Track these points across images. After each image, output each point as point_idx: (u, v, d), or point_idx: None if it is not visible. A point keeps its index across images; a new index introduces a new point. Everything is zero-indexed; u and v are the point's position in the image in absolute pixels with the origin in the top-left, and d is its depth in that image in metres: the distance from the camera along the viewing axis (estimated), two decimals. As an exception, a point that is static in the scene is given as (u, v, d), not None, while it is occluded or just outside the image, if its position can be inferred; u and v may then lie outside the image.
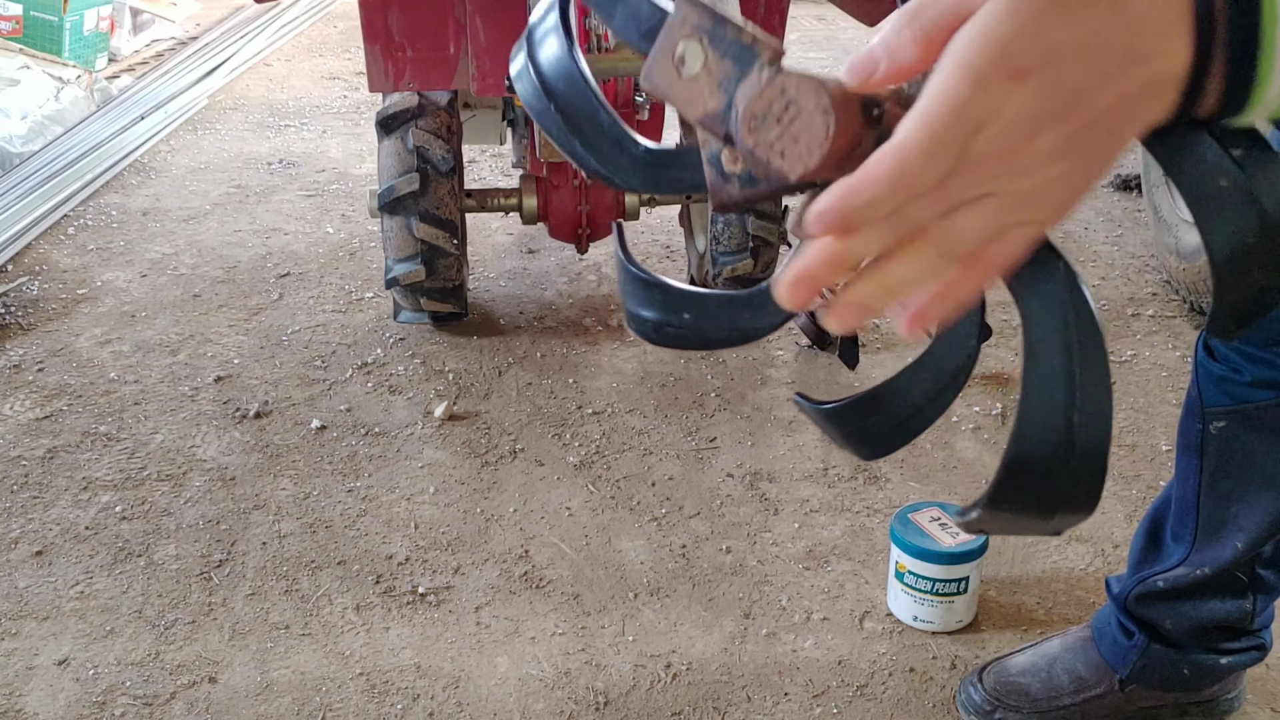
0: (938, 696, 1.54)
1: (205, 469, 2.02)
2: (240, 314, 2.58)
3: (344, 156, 3.65)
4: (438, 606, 1.70)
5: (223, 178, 3.45)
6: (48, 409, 2.19)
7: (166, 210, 3.19)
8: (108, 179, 3.36)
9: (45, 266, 2.81)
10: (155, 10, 5.12)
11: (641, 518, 1.89)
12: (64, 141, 3.48)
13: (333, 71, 4.72)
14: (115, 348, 2.43)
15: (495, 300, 2.65)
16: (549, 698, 1.54)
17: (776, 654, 1.61)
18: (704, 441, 2.11)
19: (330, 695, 1.54)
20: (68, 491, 1.95)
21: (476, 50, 2.18)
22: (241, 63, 4.64)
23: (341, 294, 2.68)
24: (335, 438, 2.11)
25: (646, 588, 1.74)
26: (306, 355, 2.40)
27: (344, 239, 3.00)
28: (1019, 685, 1.48)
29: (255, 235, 3.02)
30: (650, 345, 2.49)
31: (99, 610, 1.68)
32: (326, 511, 1.90)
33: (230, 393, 2.25)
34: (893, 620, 1.67)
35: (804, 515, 1.90)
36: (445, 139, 2.26)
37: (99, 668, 1.58)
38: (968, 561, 1.60)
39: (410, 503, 1.93)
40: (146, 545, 1.82)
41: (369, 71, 2.25)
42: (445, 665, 1.59)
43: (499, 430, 2.13)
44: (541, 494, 1.95)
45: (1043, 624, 1.67)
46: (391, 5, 2.18)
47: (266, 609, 1.69)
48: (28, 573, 1.75)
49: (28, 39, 4.14)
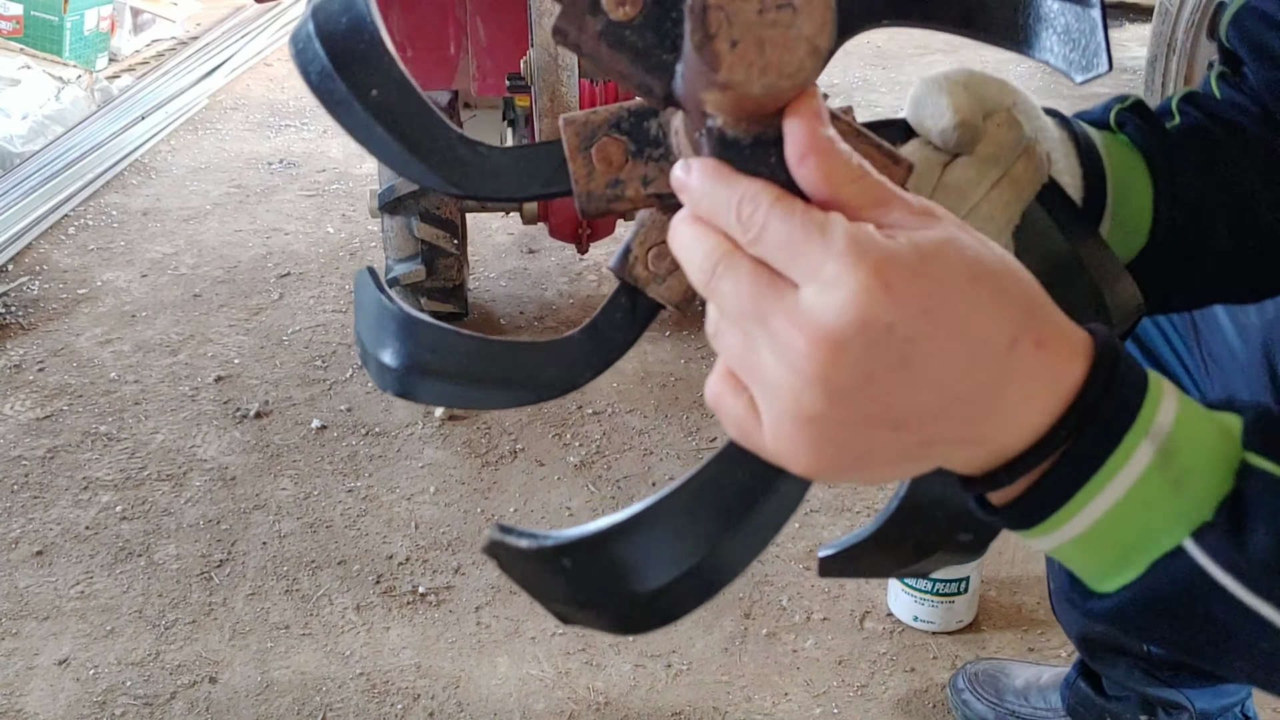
0: (938, 696, 1.54)
1: (205, 469, 2.02)
2: (240, 314, 2.58)
3: (344, 156, 3.65)
4: (438, 606, 1.70)
5: (223, 178, 3.45)
6: (48, 409, 2.19)
7: (167, 210, 3.19)
8: (108, 179, 3.36)
9: (45, 266, 2.81)
10: (156, 10, 5.12)
11: (642, 518, 1.89)
12: (64, 141, 3.48)
13: (333, 71, 4.72)
14: (115, 348, 2.43)
15: (495, 300, 2.65)
16: (549, 698, 1.54)
17: (776, 654, 1.61)
18: (704, 441, 2.11)
19: (330, 695, 1.54)
20: (68, 491, 1.95)
21: (476, 50, 2.18)
22: (242, 63, 4.64)
23: (342, 294, 2.68)
24: (335, 438, 2.11)
25: (647, 588, 1.74)
26: (307, 355, 2.40)
27: (344, 239, 3.00)
28: (999, 681, 1.49)
29: (255, 235, 3.02)
30: (649, 346, 2.49)
31: (99, 610, 1.68)
32: (327, 511, 1.90)
33: (230, 393, 2.25)
34: (893, 620, 1.67)
35: (804, 515, 1.90)
36: (445, 139, 2.26)
37: (99, 668, 1.58)
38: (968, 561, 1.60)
39: (410, 503, 1.93)
40: (147, 545, 1.82)
41: (369, 71, 2.25)
42: (445, 665, 1.59)
43: (499, 430, 2.13)
44: (542, 494, 1.95)
45: (1043, 624, 1.67)
46: (391, 5, 2.18)
47: (266, 609, 1.69)
48: (28, 573, 1.76)
49: (28, 39, 4.14)
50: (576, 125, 0.49)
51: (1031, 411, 0.42)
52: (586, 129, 0.49)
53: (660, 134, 0.49)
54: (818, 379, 0.39)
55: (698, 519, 0.46)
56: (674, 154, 0.49)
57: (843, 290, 0.38)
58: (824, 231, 0.39)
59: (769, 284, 0.40)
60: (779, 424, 0.41)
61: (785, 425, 0.41)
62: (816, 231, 0.39)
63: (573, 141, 0.49)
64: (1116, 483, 0.42)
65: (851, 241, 0.38)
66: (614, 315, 0.53)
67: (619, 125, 0.49)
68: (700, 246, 0.42)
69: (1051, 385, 0.42)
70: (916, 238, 0.39)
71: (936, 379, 0.39)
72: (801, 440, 0.41)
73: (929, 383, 0.39)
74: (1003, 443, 0.42)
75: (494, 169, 0.51)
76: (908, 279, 0.38)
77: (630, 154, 0.49)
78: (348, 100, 0.49)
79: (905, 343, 0.38)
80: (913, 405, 0.40)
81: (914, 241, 0.39)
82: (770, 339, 0.40)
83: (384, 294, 0.52)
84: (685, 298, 0.51)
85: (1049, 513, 0.44)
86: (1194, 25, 3.21)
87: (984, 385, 0.40)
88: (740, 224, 0.40)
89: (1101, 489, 0.43)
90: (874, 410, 0.40)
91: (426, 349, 0.51)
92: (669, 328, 2.52)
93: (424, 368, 0.51)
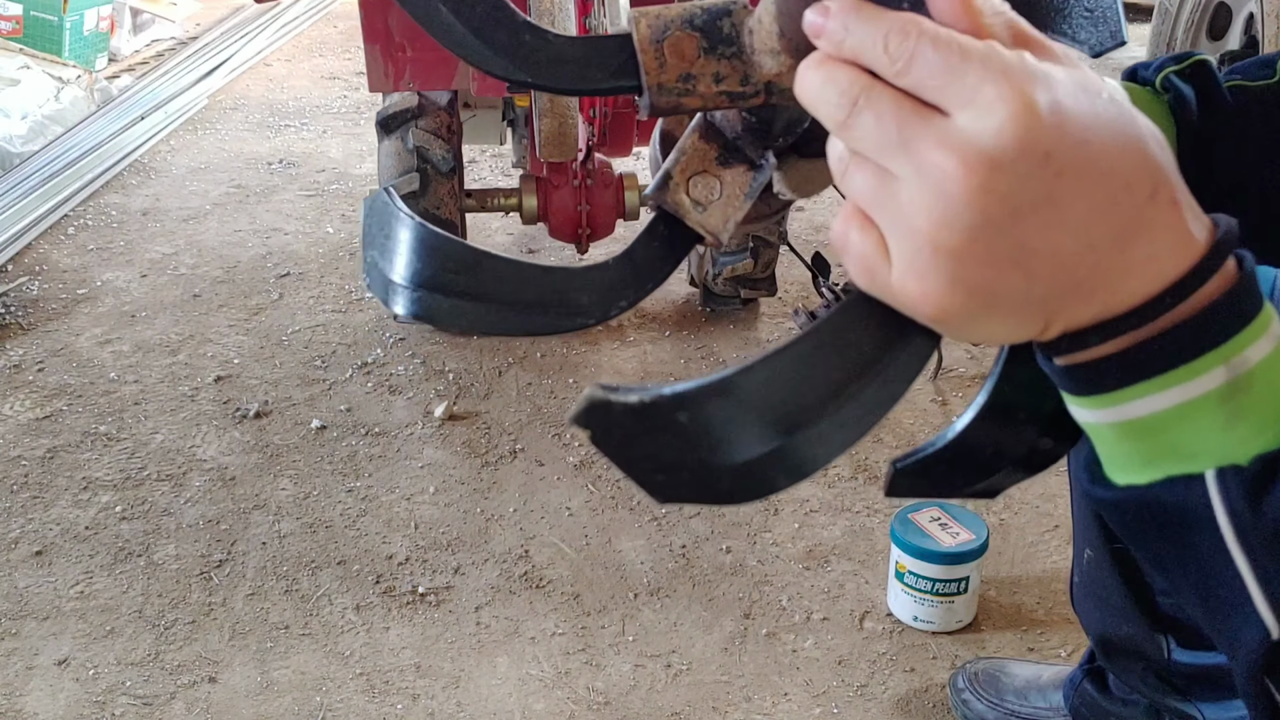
0: (938, 696, 1.54)
1: (205, 469, 2.02)
2: (240, 314, 2.58)
3: (344, 156, 3.65)
4: (438, 606, 1.70)
5: (223, 178, 3.45)
6: (48, 409, 2.19)
7: (166, 210, 3.19)
8: (108, 179, 3.36)
9: (45, 266, 2.81)
10: (155, 10, 5.12)
11: (641, 518, 1.89)
12: (64, 141, 3.48)
13: (333, 71, 4.72)
14: (115, 348, 2.43)
15: (495, 300, 2.64)
16: (549, 698, 1.54)
17: (776, 654, 1.61)
18: (704, 441, 2.10)
19: (330, 695, 1.54)
20: (68, 491, 1.95)
21: (476, 50, 2.18)
22: (241, 63, 4.64)
23: (341, 294, 2.68)
24: (335, 438, 2.11)
25: (646, 588, 1.74)
26: (306, 355, 2.40)
27: (344, 239, 3.00)
28: (999, 680, 1.49)
29: (255, 235, 3.02)
30: (649, 346, 2.49)
31: (99, 610, 1.68)
32: (326, 511, 1.90)
33: (230, 393, 2.25)
34: (893, 620, 1.67)
35: (804, 515, 1.90)
36: (445, 139, 2.26)
37: (99, 668, 1.58)
38: (968, 561, 1.60)
39: (410, 503, 1.93)
40: (146, 545, 1.82)
41: (369, 71, 2.25)
42: (445, 665, 1.59)
43: (499, 430, 2.13)
44: (541, 494, 1.95)
45: (1043, 624, 1.67)
46: (391, 5, 2.18)
47: (266, 609, 1.69)
48: (28, 573, 1.76)
49: (28, 39, 4.14)
50: (650, 18, 0.48)
51: (1152, 270, 0.41)
52: (659, 22, 0.48)
53: (734, 32, 0.48)
54: (967, 205, 0.38)
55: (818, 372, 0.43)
56: (747, 53, 0.48)
57: (1003, 112, 0.37)
58: (982, 56, 0.38)
59: (915, 111, 0.39)
60: (914, 258, 0.40)
61: (920, 260, 0.40)
62: (975, 55, 0.38)
63: (644, 34, 0.48)
64: (1175, 392, 0.42)
65: (1013, 63, 0.38)
66: (651, 244, 0.51)
67: (692, 22, 0.48)
68: (836, 84, 0.41)
69: (1178, 246, 0.41)
70: (1071, 71, 0.39)
71: (1077, 221, 0.39)
72: (934, 276, 0.40)
73: (1070, 225, 0.39)
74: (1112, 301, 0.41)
75: (560, 56, 0.49)
76: (1069, 107, 0.38)
77: (703, 50, 0.48)
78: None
79: (1056, 176, 0.38)
80: (1049, 248, 0.39)
81: (1072, 71, 0.39)
82: (915, 167, 0.39)
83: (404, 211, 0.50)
84: (725, 229, 0.50)
85: (1109, 389, 0.43)
86: (1194, 25, 3.21)
87: (1119, 231, 0.40)
88: (888, 56, 0.39)
89: (1162, 390, 0.42)
90: (1012, 250, 0.39)
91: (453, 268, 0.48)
92: (669, 328, 2.52)
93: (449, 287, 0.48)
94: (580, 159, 2.33)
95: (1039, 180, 0.38)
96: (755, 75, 0.48)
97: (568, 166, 2.36)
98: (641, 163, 3.10)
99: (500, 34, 0.48)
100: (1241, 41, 3.05)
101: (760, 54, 0.48)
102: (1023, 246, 0.39)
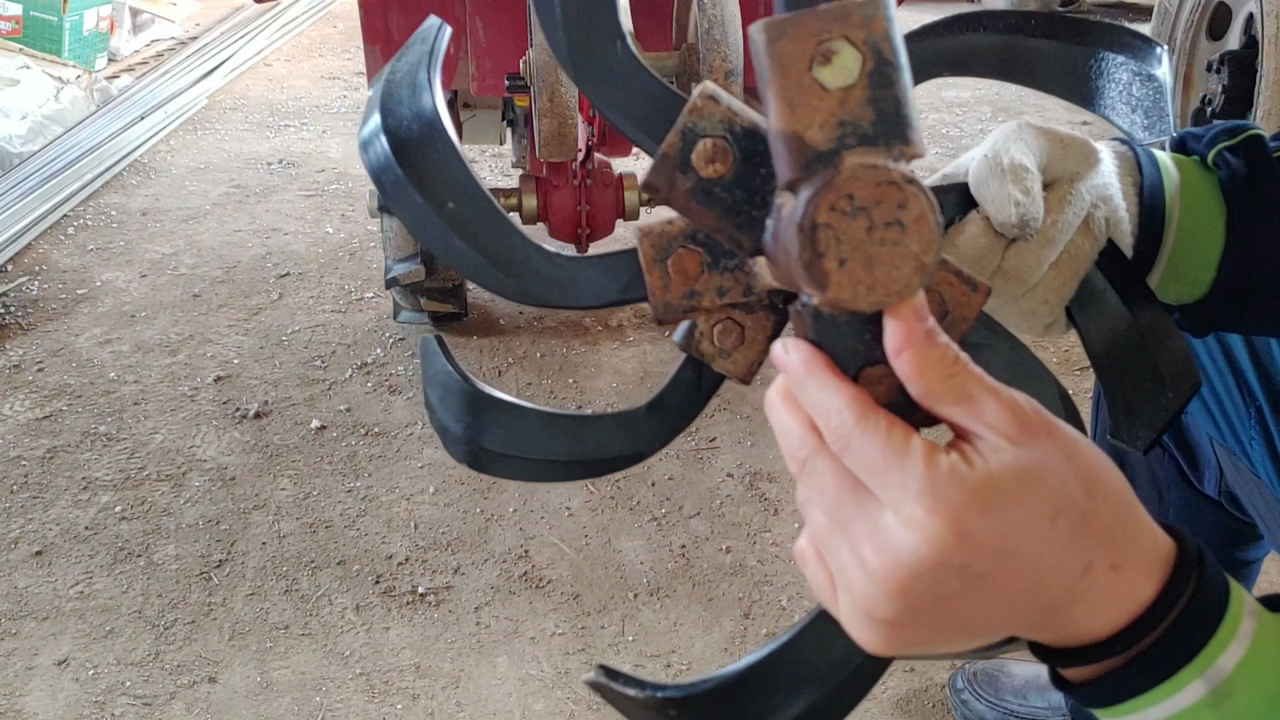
0: (937, 696, 1.54)
1: (205, 469, 2.02)
2: (240, 314, 2.58)
3: (344, 156, 3.65)
4: (438, 606, 1.70)
5: (223, 178, 3.45)
6: (48, 409, 2.19)
7: (166, 210, 3.19)
8: (108, 179, 3.36)
9: (45, 266, 2.81)
10: (155, 10, 5.12)
11: (641, 518, 1.90)
12: (64, 141, 3.48)
13: (333, 71, 4.72)
14: (115, 348, 2.43)
15: (495, 300, 2.64)
16: (549, 698, 1.54)
17: (776, 654, 1.61)
18: (704, 441, 2.11)
19: (330, 695, 1.54)
20: (67, 491, 1.95)
21: (476, 50, 2.18)
22: (241, 63, 4.64)
23: (341, 294, 2.68)
24: (335, 438, 2.11)
25: (646, 588, 1.74)
26: (306, 355, 2.40)
27: (344, 239, 3.00)
28: (998, 680, 1.49)
29: (255, 235, 3.02)
30: (649, 346, 2.49)
31: (99, 610, 1.68)
32: (326, 511, 1.91)
33: (230, 393, 2.25)
34: (892, 620, 1.67)
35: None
36: (445, 139, 2.26)
37: (99, 668, 1.58)
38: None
39: (410, 503, 1.93)
40: (146, 545, 1.82)
41: (369, 71, 2.25)
42: (445, 665, 1.59)
43: (499, 430, 2.13)
44: (541, 494, 1.95)
45: (1042, 624, 1.67)
46: (391, 5, 2.18)
47: (266, 609, 1.69)
48: (28, 573, 1.76)
49: (27, 39, 4.14)
50: (653, 237, 0.50)
51: (1095, 625, 0.43)
52: (662, 240, 0.50)
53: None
54: (888, 595, 0.41)
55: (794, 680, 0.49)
56: (749, 264, 0.50)
57: (919, 534, 0.39)
58: (903, 465, 0.39)
59: (852, 494, 0.41)
60: (851, 615, 0.43)
61: (857, 618, 0.43)
62: (896, 463, 0.40)
63: (649, 253, 0.50)
64: (1165, 706, 0.44)
65: (929, 486, 0.39)
66: (679, 389, 0.54)
67: (694, 236, 0.50)
68: (793, 435, 0.43)
69: (1120, 603, 0.43)
70: (998, 470, 0.40)
71: (1005, 599, 0.41)
72: (871, 634, 0.43)
73: (998, 601, 0.41)
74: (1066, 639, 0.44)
75: (570, 279, 0.52)
76: (985, 526, 0.39)
77: (706, 265, 0.49)
78: (423, 209, 0.50)
79: (976, 578, 0.40)
80: (980, 617, 0.42)
81: (994, 477, 0.40)
82: (850, 546, 0.42)
83: (452, 365, 0.54)
84: (750, 372, 0.52)
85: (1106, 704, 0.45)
86: (1193, 25, 3.21)
87: (1051, 604, 0.42)
88: (830, 432, 0.42)
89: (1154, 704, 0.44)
90: (943, 620, 0.42)
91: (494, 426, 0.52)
92: (669, 328, 2.52)
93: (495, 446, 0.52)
94: (580, 159, 2.33)
95: (960, 580, 0.40)
96: (758, 285, 0.50)
97: (567, 166, 2.36)
98: (641, 163, 3.10)
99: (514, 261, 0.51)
100: (1241, 42, 3.05)
101: (762, 265, 0.49)
102: (954, 617, 0.42)
